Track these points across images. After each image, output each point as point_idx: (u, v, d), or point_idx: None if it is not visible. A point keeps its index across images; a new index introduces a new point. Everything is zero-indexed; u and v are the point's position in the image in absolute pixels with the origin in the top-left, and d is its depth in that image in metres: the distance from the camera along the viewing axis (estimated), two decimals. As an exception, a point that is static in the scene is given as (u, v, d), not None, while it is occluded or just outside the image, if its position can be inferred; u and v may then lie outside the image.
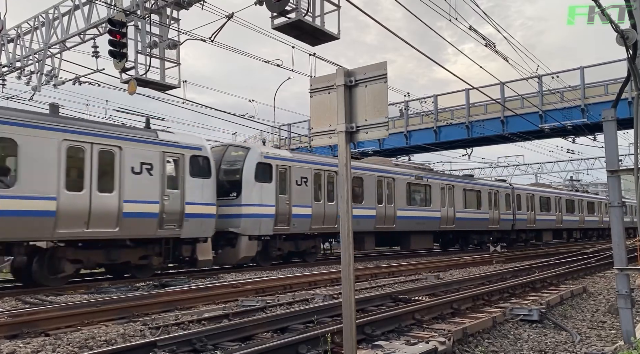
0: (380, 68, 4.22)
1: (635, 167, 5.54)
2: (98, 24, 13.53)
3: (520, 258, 19.91)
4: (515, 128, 26.63)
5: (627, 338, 5.62)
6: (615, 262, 5.81)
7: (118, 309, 7.99)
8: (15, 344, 5.90)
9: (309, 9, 10.04)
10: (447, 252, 25.13)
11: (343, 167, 4.27)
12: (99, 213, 11.77)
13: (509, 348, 6.13)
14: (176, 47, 12.56)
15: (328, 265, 16.96)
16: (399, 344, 5.40)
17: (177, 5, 12.29)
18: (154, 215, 12.81)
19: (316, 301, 9.16)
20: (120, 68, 12.05)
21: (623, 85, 6.56)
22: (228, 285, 11.22)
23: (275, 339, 5.94)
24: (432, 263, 17.53)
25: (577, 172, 51.99)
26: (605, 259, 16.35)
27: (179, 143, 13.63)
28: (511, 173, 49.72)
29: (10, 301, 9.72)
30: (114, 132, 12.52)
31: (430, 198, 22.75)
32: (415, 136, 29.90)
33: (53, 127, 11.34)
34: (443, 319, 7.27)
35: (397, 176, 21.10)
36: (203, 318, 7.39)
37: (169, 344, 5.43)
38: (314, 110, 4.57)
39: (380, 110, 4.18)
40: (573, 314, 8.24)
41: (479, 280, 11.68)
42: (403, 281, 12.41)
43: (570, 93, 24.57)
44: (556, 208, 33.51)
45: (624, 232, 5.91)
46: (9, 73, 15.85)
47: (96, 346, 5.93)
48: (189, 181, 13.63)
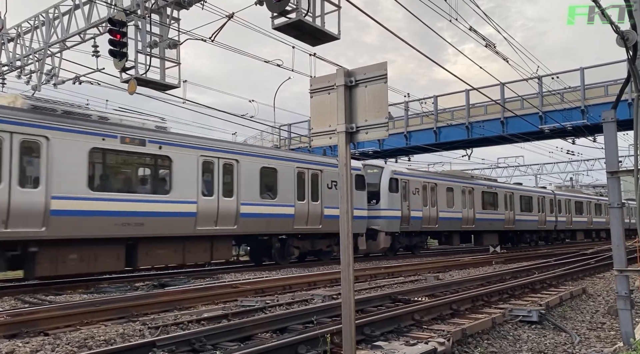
0: (381, 68, 4.22)
1: (635, 168, 5.54)
2: (98, 24, 13.52)
3: (520, 259, 19.90)
4: (515, 129, 26.61)
5: (626, 339, 5.62)
6: (615, 263, 5.81)
7: (117, 309, 7.98)
8: (14, 343, 5.89)
9: (309, 9, 10.03)
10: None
11: (343, 167, 4.28)
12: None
13: (508, 348, 6.13)
14: (176, 46, 12.55)
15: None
16: (398, 345, 5.40)
17: (177, 5, 12.29)
18: (338, 217, 16.11)
19: (316, 301, 9.16)
20: (120, 67, 12.04)
21: (623, 86, 6.55)
22: (227, 285, 11.22)
23: (274, 339, 5.94)
24: (432, 263, 17.54)
25: (577, 173, 52.11)
26: (605, 260, 16.35)
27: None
28: (511, 174, 49.73)
29: (9, 300, 9.72)
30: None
31: (497, 204, 28.12)
32: (415, 136, 29.87)
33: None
34: (442, 320, 7.26)
35: (475, 186, 26.61)
36: (202, 318, 7.39)
37: (168, 344, 5.43)
38: (314, 111, 4.57)
39: (380, 111, 4.19)
40: (572, 316, 8.24)
41: (478, 281, 11.68)
42: (402, 282, 12.41)
43: (570, 95, 24.55)
44: (587, 211, 38.57)
45: (624, 233, 5.91)
46: (9, 72, 15.84)
47: (95, 345, 5.93)
48: (355, 193, 17.89)
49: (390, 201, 20.71)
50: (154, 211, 12.99)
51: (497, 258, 20.04)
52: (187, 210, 13.69)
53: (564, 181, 54.23)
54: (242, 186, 15.26)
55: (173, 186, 13.45)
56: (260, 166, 15.96)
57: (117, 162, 12.98)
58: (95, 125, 12.30)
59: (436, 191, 23.34)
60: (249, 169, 15.55)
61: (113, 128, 12.57)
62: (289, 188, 16.75)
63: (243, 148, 16.53)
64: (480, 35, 13.93)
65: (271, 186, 16.33)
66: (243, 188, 15.27)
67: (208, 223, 14.18)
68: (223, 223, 14.58)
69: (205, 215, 14.05)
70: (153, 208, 12.99)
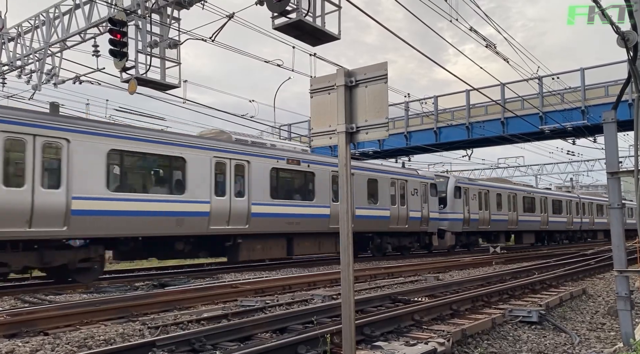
0: (381, 68, 4.21)
1: (636, 169, 5.54)
2: (99, 23, 13.52)
3: (520, 260, 19.88)
4: (515, 129, 26.62)
5: (626, 339, 5.61)
6: (615, 264, 5.80)
7: (117, 308, 7.97)
8: (14, 343, 5.89)
9: (309, 9, 10.03)
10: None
11: (343, 167, 4.27)
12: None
13: (508, 349, 6.12)
14: (177, 46, 12.55)
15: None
16: (398, 345, 5.40)
17: (177, 4, 12.28)
18: (419, 218, 22.14)
19: (315, 301, 9.16)
20: (120, 67, 12.04)
21: (623, 86, 6.55)
22: (227, 285, 11.21)
23: (274, 339, 5.93)
24: (432, 264, 17.53)
25: (577, 174, 52.09)
26: (605, 261, 16.34)
27: (425, 176, 23.75)
28: (511, 175, 49.67)
29: (9, 300, 9.71)
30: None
31: (535, 207, 32.20)
32: (416, 137, 29.88)
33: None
34: (442, 320, 7.26)
35: (517, 191, 30.55)
36: (202, 318, 7.38)
37: (168, 344, 5.42)
38: (314, 111, 4.56)
39: (380, 111, 4.18)
40: (572, 316, 8.24)
41: (478, 281, 11.67)
42: (402, 282, 12.40)
43: (570, 95, 24.55)
44: (608, 212, 40.30)
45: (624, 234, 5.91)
46: (10, 72, 15.84)
47: (95, 345, 5.92)
48: (430, 199, 22.88)
49: (455, 205, 24.65)
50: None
51: (498, 258, 20.02)
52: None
53: (564, 182, 54.20)
54: (356, 194, 18.19)
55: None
56: (366, 178, 19.79)
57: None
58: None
59: (489, 197, 27.35)
60: (359, 180, 18.87)
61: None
62: (386, 195, 20.53)
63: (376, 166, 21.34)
64: (480, 35, 13.93)
65: (373, 194, 19.96)
66: (356, 195, 18.36)
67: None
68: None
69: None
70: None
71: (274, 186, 16.10)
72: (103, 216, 11.89)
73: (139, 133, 13.23)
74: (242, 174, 15.05)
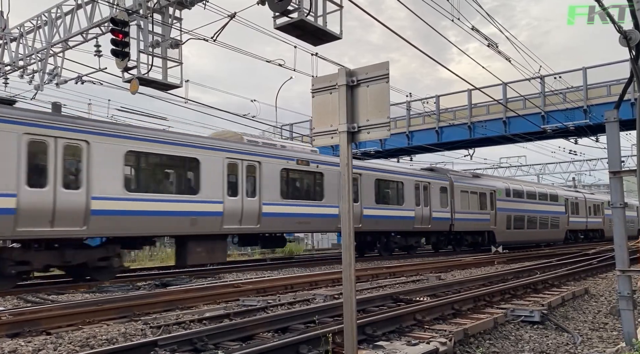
0: (382, 68, 4.21)
1: (638, 168, 5.53)
2: (101, 23, 13.53)
3: (522, 259, 19.86)
4: (517, 129, 26.58)
5: (628, 339, 5.60)
6: (617, 263, 5.79)
7: (119, 308, 7.99)
8: (17, 342, 5.90)
9: (311, 8, 10.02)
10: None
11: (345, 167, 4.27)
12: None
13: (510, 349, 6.11)
14: (178, 46, 12.54)
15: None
16: (400, 345, 5.39)
17: (179, 4, 12.29)
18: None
19: (317, 301, 9.16)
20: (122, 67, 12.05)
21: (626, 86, 6.53)
22: (229, 284, 11.21)
23: (276, 339, 5.93)
24: (434, 263, 17.52)
25: (579, 173, 51.98)
26: (607, 260, 16.30)
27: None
28: (513, 174, 49.60)
29: (12, 299, 9.73)
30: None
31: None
32: (417, 136, 29.86)
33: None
34: (444, 320, 7.25)
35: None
36: (204, 318, 7.38)
37: (170, 343, 5.43)
38: (316, 110, 4.56)
39: (382, 110, 4.18)
40: (574, 316, 8.22)
41: (480, 281, 11.65)
42: (404, 282, 12.39)
43: (572, 94, 24.49)
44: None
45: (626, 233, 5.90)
46: (12, 72, 15.86)
47: (97, 344, 5.93)
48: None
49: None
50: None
51: (499, 258, 20.00)
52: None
53: (566, 181, 54.08)
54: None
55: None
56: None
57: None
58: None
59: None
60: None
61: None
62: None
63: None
64: (482, 34, 13.91)
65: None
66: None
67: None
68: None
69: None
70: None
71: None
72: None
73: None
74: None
